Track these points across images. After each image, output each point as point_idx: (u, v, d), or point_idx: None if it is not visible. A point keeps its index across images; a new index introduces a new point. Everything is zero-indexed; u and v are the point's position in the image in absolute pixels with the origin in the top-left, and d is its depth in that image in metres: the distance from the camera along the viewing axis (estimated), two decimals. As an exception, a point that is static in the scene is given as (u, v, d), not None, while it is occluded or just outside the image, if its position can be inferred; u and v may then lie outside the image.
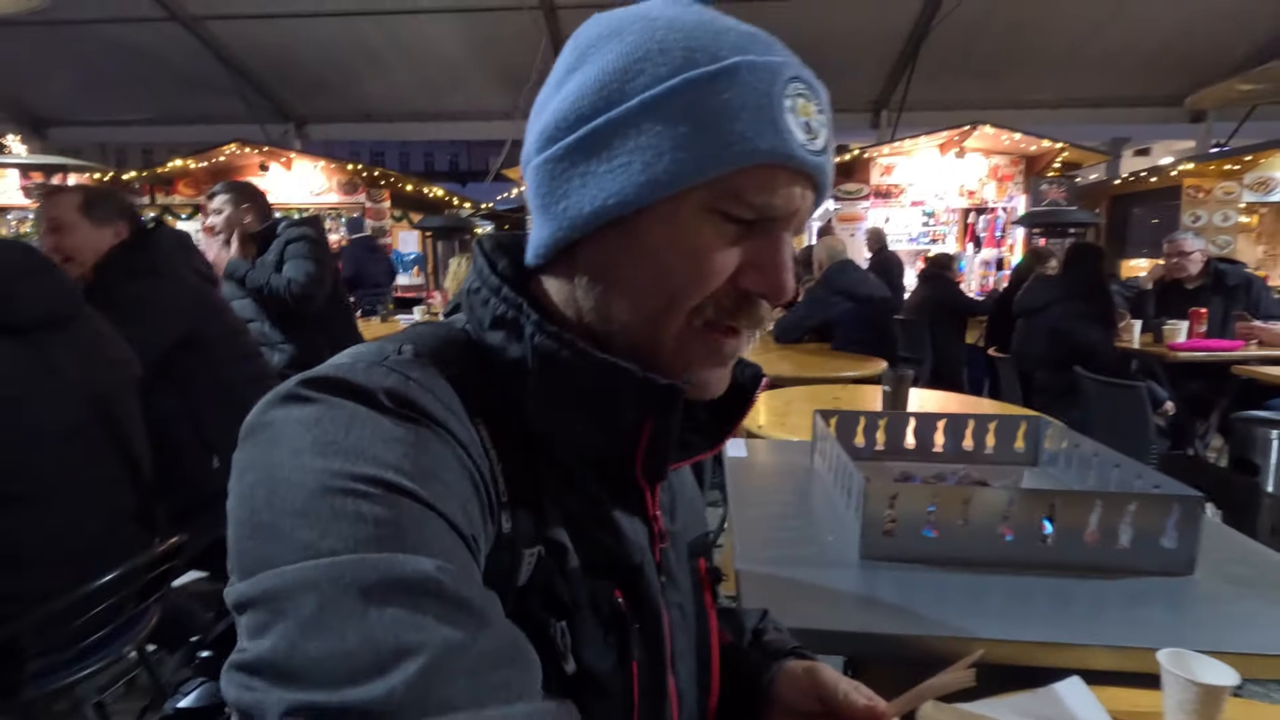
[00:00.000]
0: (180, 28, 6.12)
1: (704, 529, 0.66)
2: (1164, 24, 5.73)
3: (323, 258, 2.61)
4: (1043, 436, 1.36)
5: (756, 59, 0.43)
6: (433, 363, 0.44)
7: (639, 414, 0.45)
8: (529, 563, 0.43)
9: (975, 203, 7.55)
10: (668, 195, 0.42)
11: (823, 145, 0.45)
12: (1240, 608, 0.87)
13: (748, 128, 0.42)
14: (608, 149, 0.43)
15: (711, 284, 0.44)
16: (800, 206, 0.46)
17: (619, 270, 0.45)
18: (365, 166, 7.87)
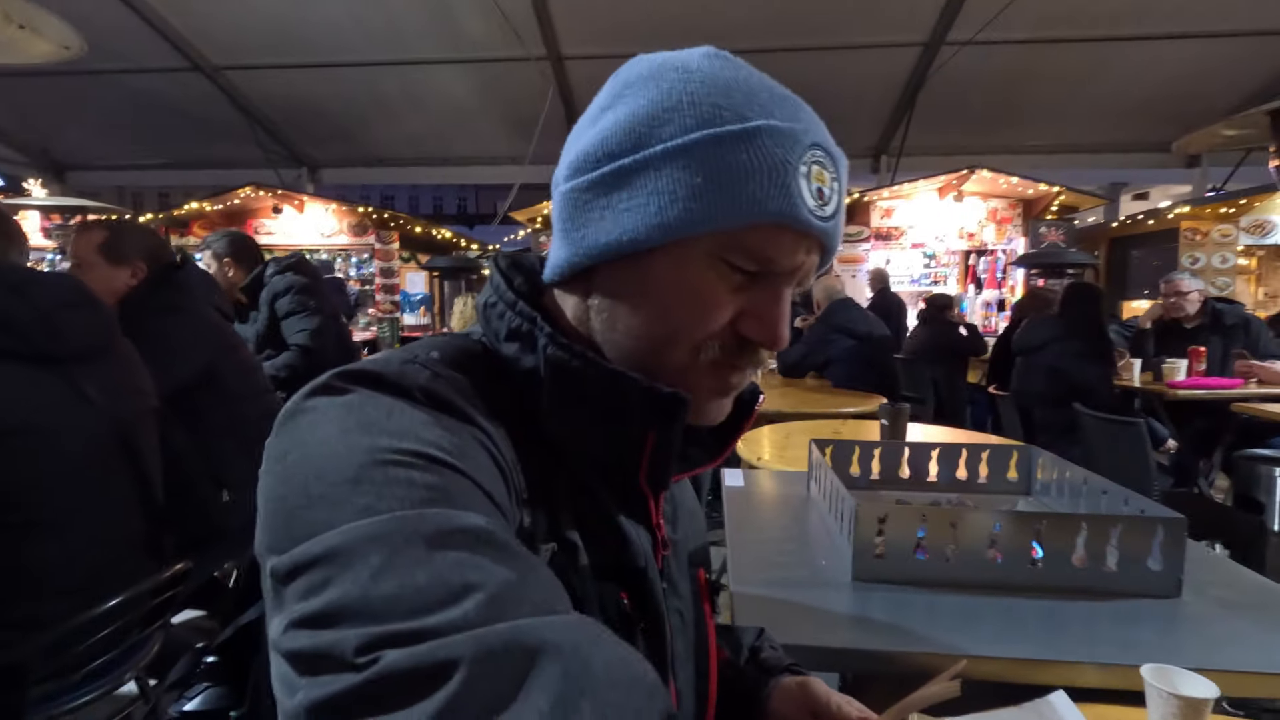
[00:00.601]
0: (202, 77, 6.36)
1: (704, 540, 0.69)
2: (1151, 75, 5.90)
3: (317, 305, 2.64)
4: (1035, 466, 1.38)
5: (780, 124, 0.46)
6: (454, 367, 0.47)
7: (643, 424, 0.48)
8: (545, 558, 0.45)
9: (975, 245, 7.65)
10: (678, 239, 0.46)
11: (832, 211, 0.48)
12: (1226, 628, 0.88)
13: (759, 189, 0.45)
14: (629, 188, 0.47)
15: (710, 326, 0.48)
16: (803, 264, 0.49)
17: (627, 300, 0.49)
18: (375, 209, 8.05)
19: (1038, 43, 5.59)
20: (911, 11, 5.32)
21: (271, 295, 2.63)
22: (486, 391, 0.47)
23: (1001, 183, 7.07)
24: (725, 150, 0.45)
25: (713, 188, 0.45)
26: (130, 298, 1.78)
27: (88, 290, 1.39)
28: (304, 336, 2.57)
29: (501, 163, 7.67)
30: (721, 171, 0.45)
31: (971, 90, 6.11)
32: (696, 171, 0.45)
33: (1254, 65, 5.73)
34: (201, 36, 5.96)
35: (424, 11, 5.54)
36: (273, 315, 2.64)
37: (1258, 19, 5.28)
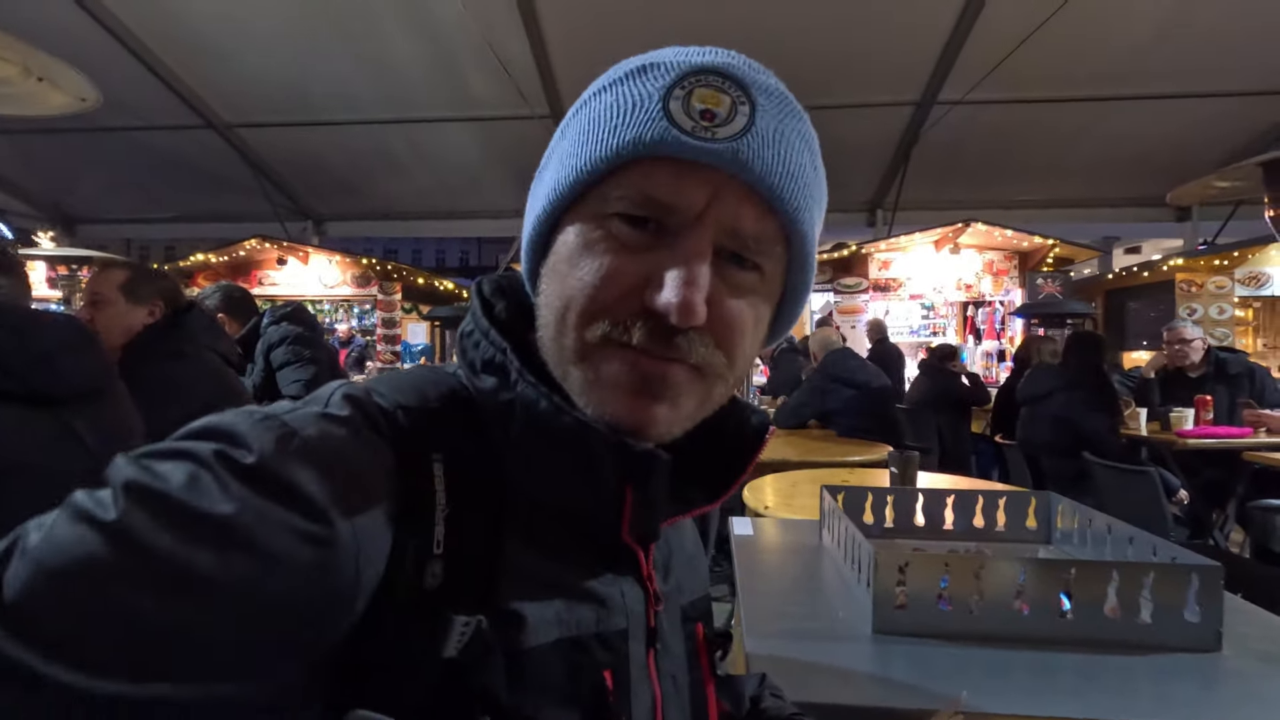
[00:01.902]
0: (214, 134, 6.52)
1: (704, 590, 0.60)
2: (1139, 133, 6.06)
3: (313, 355, 2.60)
4: (1054, 514, 1.34)
5: (661, 60, 0.42)
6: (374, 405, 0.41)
7: (618, 479, 0.42)
8: (461, 632, 0.37)
9: (973, 296, 7.72)
10: (566, 207, 0.44)
11: (734, 131, 0.40)
12: (1272, 685, 0.83)
13: (621, 123, 0.40)
14: (543, 172, 0.47)
15: (602, 292, 0.41)
16: (717, 213, 0.40)
17: (541, 293, 0.45)
18: (379, 260, 8.15)
19: (1025, 102, 5.75)
20: (904, 71, 5.50)
21: (267, 346, 2.60)
22: (435, 425, 0.42)
23: (997, 235, 7.19)
24: (598, 98, 0.43)
25: (580, 141, 0.42)
26: (139, 339, 1.77)
27: (88, 332, 1.38)
28: (299, 388, 2.54)
29: (504, 216, 7.80)
30: (590, 118, 0.42)
31: (964, 146, 6.26)
32: (577, 130, 0.43)
33: (1237, 124, 5.89)
34: (215, 95, 6.14)
35: (431, 72, 5.72)
36: (268, 366, 2.61)
37: (1238, 82, 5.46)
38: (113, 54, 5.31)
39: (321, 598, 0.35)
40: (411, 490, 0.39)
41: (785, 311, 0.49)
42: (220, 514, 0.32)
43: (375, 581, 0.37)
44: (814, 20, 4.79)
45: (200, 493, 0.33)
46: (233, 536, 0.32)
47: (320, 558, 0.34)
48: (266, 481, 0.34)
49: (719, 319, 0.42)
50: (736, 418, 0.50)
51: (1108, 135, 6.14)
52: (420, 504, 0.39)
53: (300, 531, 0.34)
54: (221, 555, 0.32)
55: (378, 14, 5.08)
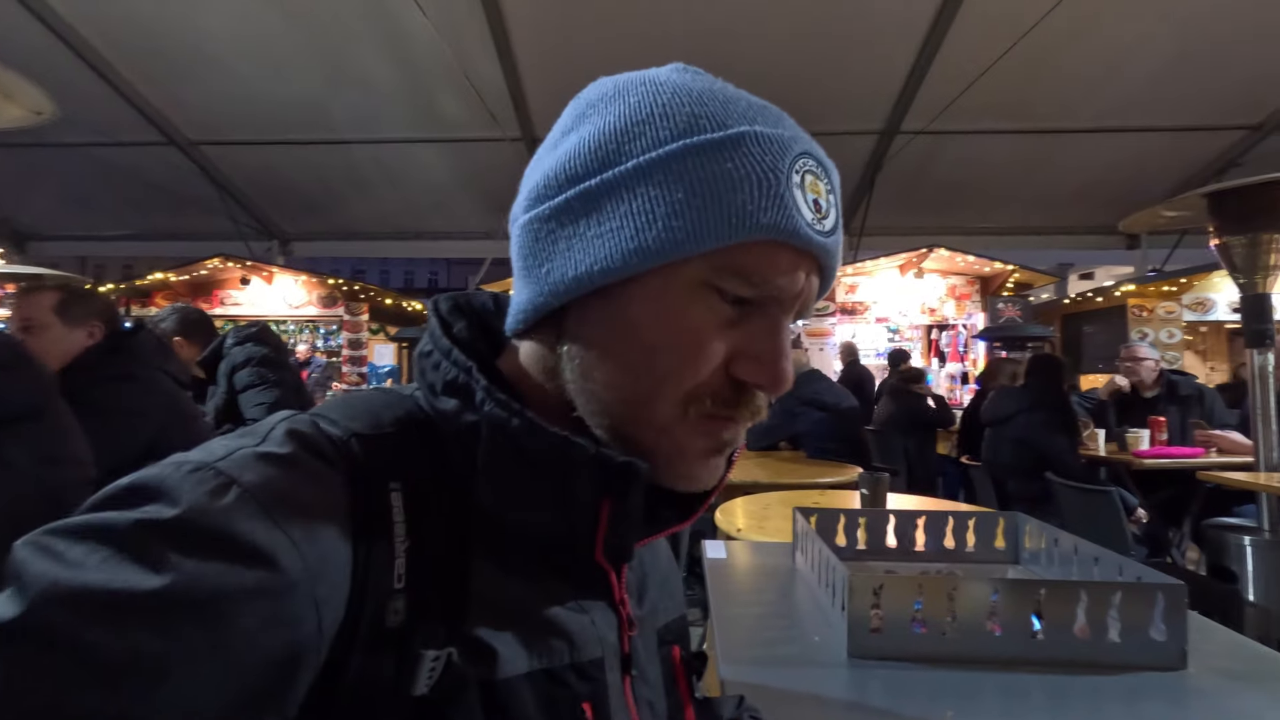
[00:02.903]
0: (175, 151, 6.39)
1: (680, 611, 0.59)
2: (1091, 164, 6.32)
3: (280, 379, 2.50)
4: (1022, 534, 1.35)
5: (765, 130, 0.40)
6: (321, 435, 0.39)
7: (595, 494, 0.41)
8: (431, 667, 0.36)
9: (937, 319, 7.91)
10: (658, 266, 0.39)
11: (832, 226, 0.42)
12: (1237, 703, 0.84)
13: (750, 200, 0.39)
14: (598, 212, 0.40)
15: (702, 369, 0.41)
16: (804, 290, 0.42)
17: (603, 346, 0.42)
18: (345, 281, 8.03)
19: (985, 133, 5.96)
20: (868, 102, 5.66)
21: (230, 367, 2.49)
22: (393, 451, 0.40)
23: (959, 261, 7.40)
24: (707, 160, 0.39)
25: (697, 202, 0.38)
26: (81, 362, 1.69)
27: (24, 352, 1.32)
28: (262, 411, 2.44)
29: (474, 238, 7.76)
30: (705, 183, 0.39)
31: (927, 175, 6.44)
32: (675, 186, 0.39)
33: (1183, 157, 6.18)
34: (178, 111, 6.02)
35: (402, 92, 5.71)
36: (231, 388, 2.51)
37: (1183, 118, 5.74)
38: (70, 67, 5.19)
39: (284, 652, 0.33)
40: (369, 524, 0.37)
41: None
42: (149, 590, 0.29)
43: (336, 626, 0.35)
44: (781, 51, 4.91)
45: (119, 570, 0.30)
46: (170, 611, 0.30)
47: (275, 610, 0.32)
48: (202, 539, 0.31)
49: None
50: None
51: (1062, 166, 6.39)
52: (379, 538, 0.37)
53: (248, 587, 0.31)
54: (162, 634, 0.29)
55: (347, 34, 5.07)
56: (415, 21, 4.52)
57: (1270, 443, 2.67)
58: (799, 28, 4.80)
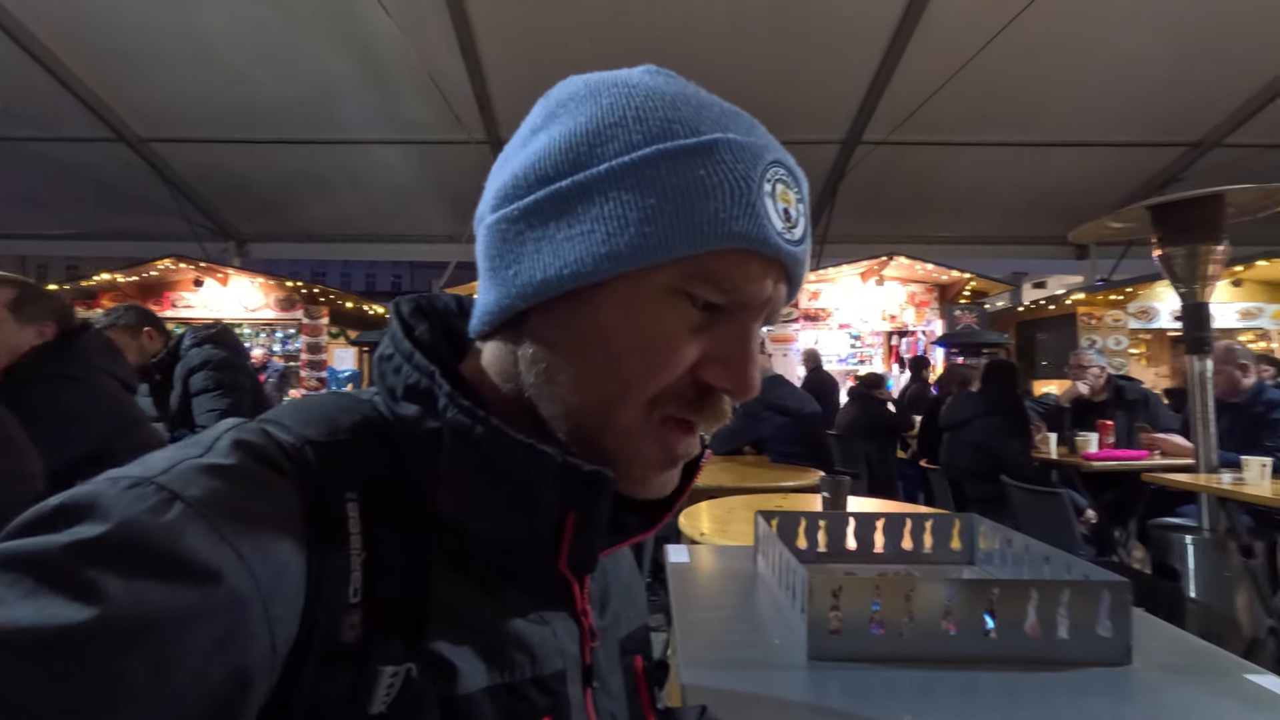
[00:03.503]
0: (125, 148, 6.18)
1: (642, 620, 0.58)
2: (1043, 176, 6.55)
3: (234, 382, 2.43)
4: (977, 535, 1.38)
5: (738, 138, 0.41)
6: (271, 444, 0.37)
7: (560, 504, 0.40)
8: (389, 684, 0.35)
9: (897, 326, 8.08)
10: (629, 271, 0.39)
11: (801, 235, 0.43)
12: (1178, 697, 0.87)
13: (722, 208, 0.39)
14: (569, 214, 0.40)
15: (671, 373, 0.41)
16: (772, 297, 0.43)
17: (569, 349, 0.41)
18: (305, 283, 7.85)
19: (942, 145, 6.13)
20: (830, 112, 5.77)
21: (186, 370, 2.41)
22: (349, 458, 0.39)
23: (918, 269, 7.58)
24: (681, 166, 0.39)
25: (669, 209, 0.38)
26: (25, 362, 1.62)
27: None
28: (212, 418, 2.35)
29: (437, 241, 7.67)
30: (678, 190, 0.39)
31: (887, 184, 6.59)
32: (649, 192, 0.39)
33: (1129, 171, 6.45)
34: (127, 107, 5.83)
35: (364, 93, 5.62)
36: (186, 391, 2.43)
37: (1128, 134, 6.00)
38: (12, 59, 4.98)
39: (235, 675, 0.31)
40: (323, 536, 0.36)
41: None
42: (82, 623, 0.27)
43: (289, 643, 0.33)
44: (743, 61, 4.98)
45: (47, 604, 0.27)
46: (109, 644, 0.27)
47: (225, 632, 0.30)
48: (141, 561, 0.29)
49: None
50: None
51: (1016, 178, 6.61)
52: (334, 550, 0.36)
53: (194, 609, 0.30)
54: (100, 671, 0.27)
55: (307, 33, 4.97)
56: (378, 21, 4.46)
57: (1209, 445, 2.79)
58: (763, 38, 4.88)
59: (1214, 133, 5.89)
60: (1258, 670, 0.92)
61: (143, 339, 2.35)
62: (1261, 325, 7.20)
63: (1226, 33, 4.79)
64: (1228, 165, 5.69)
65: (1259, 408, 3.22)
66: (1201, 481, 2.70)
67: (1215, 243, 2.66)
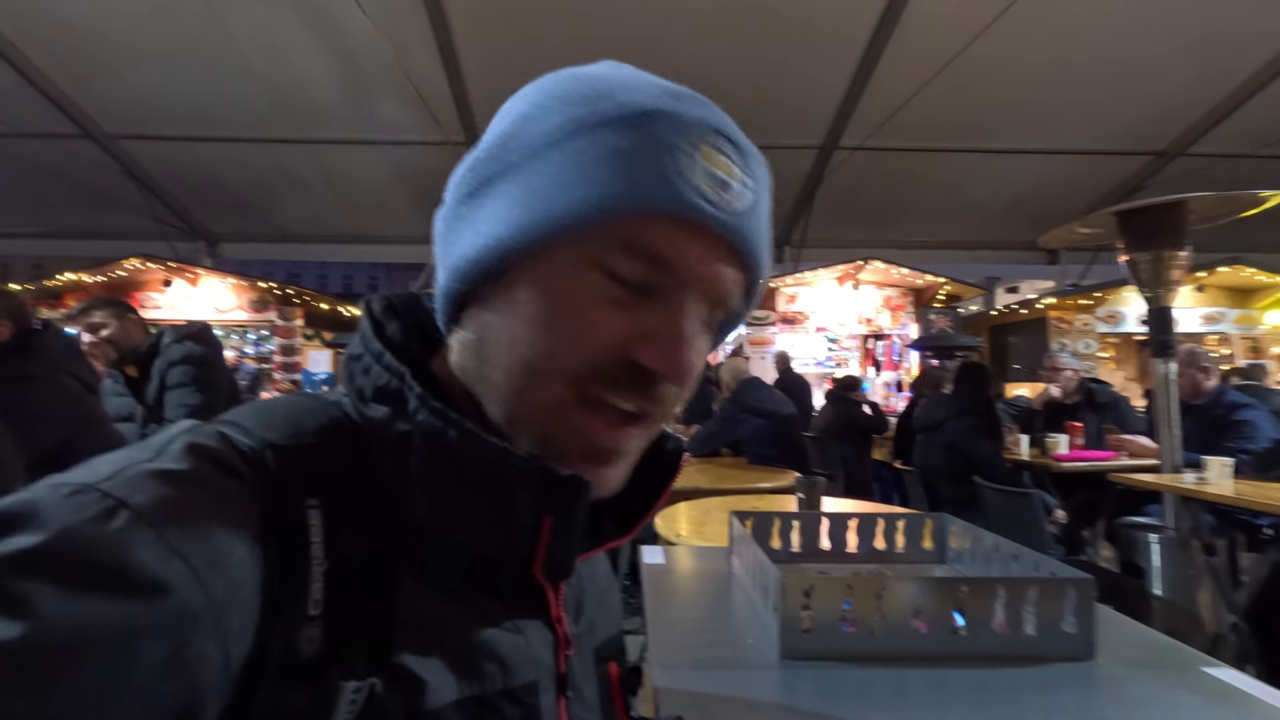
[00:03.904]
0: (93, 145, 6.03)
1: (616, 627, 0.58)
2: (1016, 182, 6.68)
3: (211, 380, 2.42)
4: (948, 534, 1.40)
5: (668, 109, 0.39)
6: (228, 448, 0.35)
7: (536, 509, 0.39)
8: (351, 700, 0.34)
9: (873, 329, 8.17)
10: (543, 243, 0.38)
11: (743, 207, 0.40)
12: (1141, 690, 0.89)
13: (637, 173, 0.37)
14: (492, 194, 0.41)
15: (589, 348, 0.39)
16: (710, 275, 0.40)
17: (495, 329, 0.41)
18: (279, 284, 7.73)
19: (918, 151, 6.22)
20: (808, 117, 5.83)
21: (166, 364, 2.38)
22: (310, 462, 0.37)
23: (894, 273, 7.68)
24: (597, 137, 0.38)
25: (579, 178, 0.38)
26: None
27: None
28: (183, 413, 2.33)
29: (415, 242, 7.60)
30: (591, 160, 0.38)
31: (864, 189, 6.67)
32: (565, 164, 0.38)
33: (1097, 178, 6.60)
34: (95, 103, 5.70)
35: (340, 93, 5.55)
36: (162, 386, 2.40)
37: (1095, 143, 6.14)
38: (-26, 52, 4.85)
39: (185, 697, 0.29)
40: (282, 545, 0.34)
41: (715, 341, 0.48)
42: (11, 640, 0.25)
43: (244, 659, 0.32)
44: (722, 65, 5.01)
45: None
46: (43, 664, 0.25)
47: (175, 650, 0.29)
48: (81, 574, 0.27)
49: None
50: (652, 445, 0.47)
51: (988, 184, 6.73)
52: (293, 560, 0.34)
53: (141, 626, 0.28)
54: (31, 694, 0.25)
55: (283, 31, 4.90)
56: (355, 20, 4.41)
57: (1174, 446, 2.86)
58: (742, 43, 4.91)
59: (1178, 142, 6.05)
60: (1215, 664, 0.94)
61: (127, 322, 2.36)
62: (1224, 330, 7.40)
63: (1190, 47, 4.93)
64: (1191, 174, 5.85)
65: (1220, 410, 3.31)
66: (1166, 482, 2.76)
67: (1179, 248, 2.73)
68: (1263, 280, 7.13)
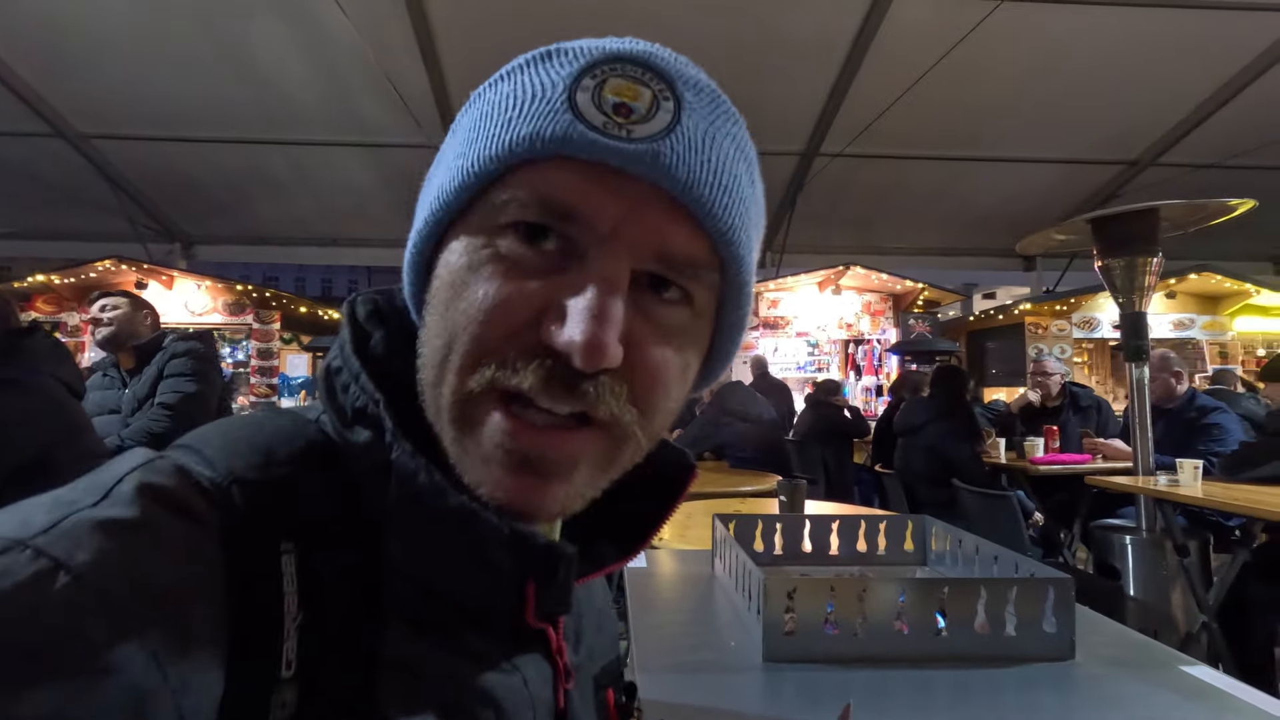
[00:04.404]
0: (64, 144, 5.91)
1: (615, 652, 0.55)
2: (993, 190, 6.79)
3: (207, 376, 2.54)
4: (929, 536, 1.41)
5: (562, 48, 0.36)
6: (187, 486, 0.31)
7: (518, 571, 0.35)
8: None
9: (853, 334, 8.24)
10: (451, 219, 0.36)
11: (653, 131, 0.33)
12: (1119, 689, 0.90)
13: (516, 116, 0.33)
14: (428, 181, 0.40)
15: (487, 326, 0.33)
16: (632, 221, 0.33)
17: (424, 327, 0.37)
18: (256, 287, 7.61)
19: (897, 158, 6.29)
20: (789, 124, 5.88)
21: (169, 356, 2.51)
22: (282, 499, 0.33)
23: (874, 278, 7.75)
24: (491, 91, 0.36)
25: (469, 138, 0.35)
26: None
27: None
28: (174, 398, 2.41)
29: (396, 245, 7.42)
30: (479, 117, 0.35)
31: (844, 196, 6.74)
32: (458, 141, 0.36)
33: (1072, 186, 6.74)
34: (67, 102, 5.58)
35: (320, 93, 5.49)
36: (159, 377, 2.49)
37: (1071, 151, 6.26)
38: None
39: None
40: (250, 599, 0.30)
41: (718, 352, 0.41)
42: None
43: None
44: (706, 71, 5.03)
45: None
46: None
47: None
48: (10, 655, 0.23)
49: (639, 365, 0.34)
50: (655, 460, 0.41)
51: (966, 191, 6.83)
52: (263, 616, 0.30)
53: (83, 714, 0.23)
54: None
55: (262, 30, 4.84)
56: (335, 21, 4.37)
57: (1146, 450, 2.91)
58: (724, 50, 4.94)
59: (1149, 152, 6.19)
60: (1192, 662, 0.95)
61: (138, 314, 2.56)
62: (1193, 335, 7.56)
63: (1160, 61, 5.05)
64: (1162, 183, 5.99)
65: (1192, 413, 3.38)
66: (1139, 484, 2.81)
67: (1151, 255, 2.78)
68: (1230, 287, 7.30)
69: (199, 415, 2.41)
